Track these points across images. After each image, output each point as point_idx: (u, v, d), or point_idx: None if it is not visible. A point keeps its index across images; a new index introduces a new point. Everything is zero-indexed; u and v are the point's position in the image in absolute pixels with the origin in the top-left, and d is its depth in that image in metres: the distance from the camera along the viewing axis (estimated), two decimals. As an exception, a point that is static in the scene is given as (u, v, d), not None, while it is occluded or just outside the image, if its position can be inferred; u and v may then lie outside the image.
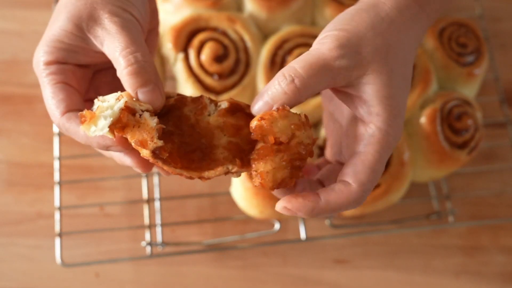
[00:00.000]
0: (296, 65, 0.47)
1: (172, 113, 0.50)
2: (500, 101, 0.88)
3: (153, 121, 0.46)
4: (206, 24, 0.78)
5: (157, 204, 0.78)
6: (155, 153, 0.46)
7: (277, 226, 0.78)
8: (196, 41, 0.77)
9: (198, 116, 0.49)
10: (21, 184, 0.82)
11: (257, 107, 0.48)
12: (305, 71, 0.47)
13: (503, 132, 0.87)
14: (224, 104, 0.49)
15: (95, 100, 0.47)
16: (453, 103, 0.78)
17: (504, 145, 0.87)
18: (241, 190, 0.74)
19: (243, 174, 0.73)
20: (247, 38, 0.78)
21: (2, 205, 0.80)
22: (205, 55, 0.76)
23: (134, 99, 0.47)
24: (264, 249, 0.80)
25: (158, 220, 0.77)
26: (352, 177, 0.48)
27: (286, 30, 0.80)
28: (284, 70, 0.47)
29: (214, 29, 0.78)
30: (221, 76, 0.76)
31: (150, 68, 0.48)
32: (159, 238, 0.77)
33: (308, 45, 0.78)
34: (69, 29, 0.49)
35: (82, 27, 0.49)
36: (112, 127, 0.46)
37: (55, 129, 0.80)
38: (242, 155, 0.48)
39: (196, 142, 0.49)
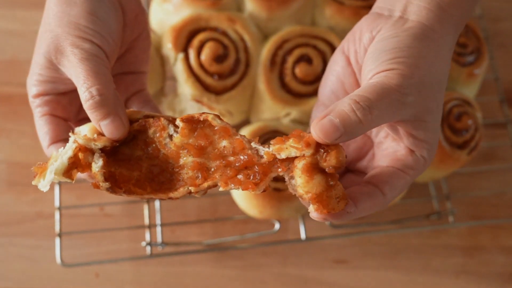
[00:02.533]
0: (370, 95, 0.45)
1: (139, 137, 0.51)
2: (500, 101, 0.88)
3: (96, 166, 0.48)
4: (206, 24, 0.78)
5: (157, 204, 0.78)
6: (113, 190, 0.48)
7: (277, 226, 0.78)
8: (196, 41, 0.77)
9: (161, 138, 0.50)
10: (21, 184, 0.82)
11: (323, 126, 0.45)
12: (379, 103, 0.45)
13: (503, 132, 0.87)
14: (179, 123, 0.50)
15: (70, 134, 0.49)
16: (453, 103, 0.78)
17: (504, 145, 0.87)
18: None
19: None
20: (247, 38, 0.78)
21: (2, 205, 0.80)
22: (205, 55, 0.76)
23: (94, 135, 0.49)
24: (264, 249, 0.80)
25: (158, 220, 0.77)
26: (389, 190, 0.49)
27: (286, 30, 0.80)
28: (357, 98, 0.45)
29: (214, 29, 0.78)
30: (221, 76, 0.76)
31: (108, 101, 0.49)
32: (159, 238, 0.77)
33: (308, 45, 0.78)
34: (43, 63, 0.52)
35: (52, 59, 0.51)
36: (69, 172, 0.47)
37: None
38: (206, 174, 0.49)
39: (164, 163, 0.50)
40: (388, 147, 0.53)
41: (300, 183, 0.46)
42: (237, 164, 0.48)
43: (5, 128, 0.84)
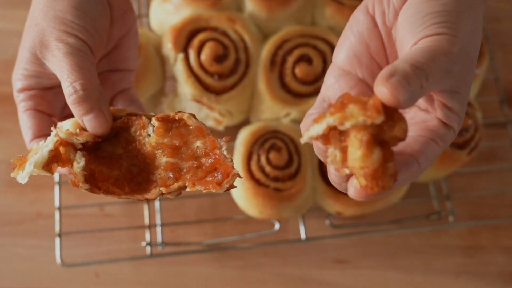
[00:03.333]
0: (424, 61, 0.42)
1: (121, 134, 0.51)
2: (500, 101, 0.88)
3: (77, 166, 0.47)
4: (206, 24, 0.78)
5: (157, 204, 0.78)
6: (92, 191, 0.48)
7: (277, 226, 0.78)
8: (196, 41, 0.77)
9: (140, 137, 0.50)
10: (21, 184, 0.81)
11: (395, 87, 0.40)
12: (432, 70, 0.42)
13: (503, 132, 0.87)
14: (155, 123, 0.49)
15: (51, 128, 0.49)
16: (453, 103, 0.78)
17: (504, 145, 0.87)
18: (241, 190, 0.74)
19: (243, 174, 0.73)
20: (247, 38, 0.78)
21: (2, 205, 0.80)
22: (205, 55, 0.76)
23: (77, 130, 0.49)
24: (264, 249, 0.80)
25: (158, 220, 0.77)
26: (424, 160, 0.46)
27: (286, 30, 0.80)
28: (415, 63, 0.42)
29: (214, 29, 0.78)
30: (221, 76, 0.76)
31: (92, 96, 0.49)
32: (159, 238, 0.77)
33: (308, 45, 0.78)
34: (28, 57, 0.52)
35: (37, 54, 0.51)
36: (49, 166, 0.47)
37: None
38: (178, 175, 0.49)
39: (142, 163, 0.50)
40: (415, 116, 0.49)
41: (359, 156, 0.40)
42: (207, 165, 0.48)
43: (5, 128, 0.84)
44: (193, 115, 0.49)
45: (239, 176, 0.47)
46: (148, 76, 0.76)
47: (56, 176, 0.77)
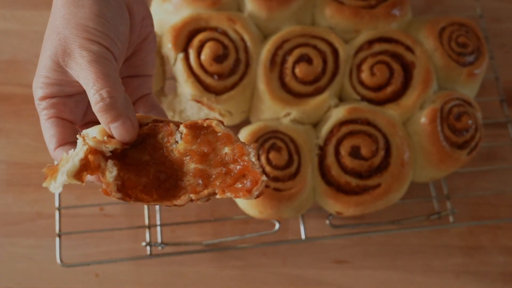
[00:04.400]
0: None
1: (148, 141, 0.51)
2: (500, 101, 0.88)
3: (110, 175, 0.47)
4: (206, 24, 0.78)
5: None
6: (124, 199, 0.48)
7: (277, 226, 0.78)
8: (196, 41, 0.77)
9: (168, 144, 0.50)
10: (21, 184, 0.82)
11: None
12: None
13: (503, 132, 0.87)
14: (183, 130, 0.50)
15: (77, 136, 0.49)
16: (453, 103, 0.78)
17: (504, 145, 0.87)
18: (241, 190, 0.74)
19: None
20: (247, 38, 0.78)
21: (2, 205, 0.80)
22: (205, 55, 0.76)
23: (105, 137, 0.49)
24: (264, 249, 0.80)
25: (158, 220, 0.77)
26: None
27: (286, 30, 0.80)
28: None
29: (214, 29, 0.78)
30: (221, 76, 0.76)
31: (119, 103, 0.49)
32: (159, 238, 0.77)
33: (308, 45, 0.78)
34: (50, 65, 0.51)
35: (59, 62, 0.51)
36: (79, 174, 0.47)
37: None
38: (207, 181, 0.49)
39: (169, 169, 0.50)
40: None
41: None
42: (235, 171, 0.48)
43: (5, 128, 0.84)
44: (222, 122, 0.49)
45: (267, 184, 0.48)
46: (148, 76, 0.76)
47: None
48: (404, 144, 0.76)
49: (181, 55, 0.76)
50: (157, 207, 0.78)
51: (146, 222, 0.77)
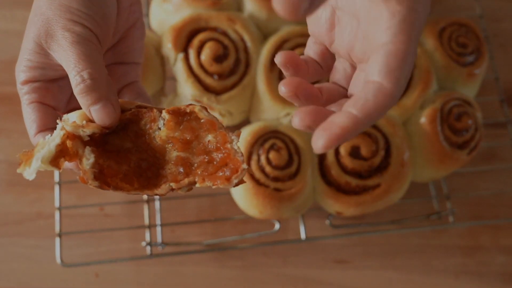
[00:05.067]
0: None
1: (130, 128, 0.49)
2: (500, 101, 0.88)
3: (87, 163, 0.46)
4: (206, 24, 0.78)
5: (157, 204, 0.78)
6: (101, 187, 0.46)
7: (277, 226, 0.78)
8: (196, 41, 0.77)
9: (150, 130, 0.49)
10: (21, 184, 0.82)
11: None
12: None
13: (503, 132, 0.87)
14: (165, 116, 0.48)
15: (57, 121, 0.47)
16: (453, 103, 0.78)
17: (504, 145, 0.87)
18: (241, 190, 0.74)
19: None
20: (247, 38, 0.78)
21: (2, 205, 0.80)
22: (205, 55, 0.76)
23: (83, 122, 0.47)
24: (264, 249, 0.80)
25: (158, 220, 0.77)
26: (385, 75, 0.41)
27: (286, 30, 0.80)
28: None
29: (214, 29, 0.78)
30: (221, 76, 0.76)
31: (100, 85, 0.48)
32: (159, 238, 0.77)
33: (308, 45, 0.78)
34: (32, 48, 0.50)
35: (42, 44, 0.50)
36: (56, 161, 0.46)
37: (55, 129, 0.80)
38: (189, 170, 0.47)
39: (152, 157, 0.48)
40: (365, 26, 0.45)
41: None
42: (217, 160, 0.47)
43: (5, 128, 0.84)
44: (205, 108, 0.48)
45: (250, 172, 0.46)
46: (148, 76, 0.76)
47: (56, 176, 0.77)
48: (404, 144, 0.76)
49: (181, 55, 0.76)
50: (158, 206, 0.78)
51: (146, 222, 0.77)
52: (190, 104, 0.48)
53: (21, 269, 0.78)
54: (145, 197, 0.78)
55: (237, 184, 0.46)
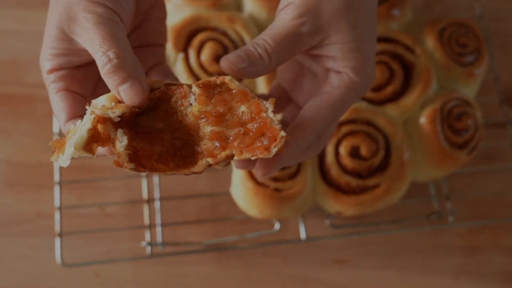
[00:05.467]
0: (265, 36, 0.50)
1: (160, 107, 0.48)
2: (500, 101, 0.88)
3: (120, 145, 0.44)
4: (206, 24, 0.78)
5: (157, 204, 0.78)
6: (137, 169, 0.45)
7: (277, 226, 0.78)
8: (196, 41, 0.77)
9: (181, 107, 0.47)
10: (21, 184, 0.82)
11: (229, 59, 0.50)
12: (274, 42, 0.50)
13: (503, 132, 0.87)
14: (195, 90, 0.47)
15: (86, 107, 0.46)
16: (453, 103, 0.78)
17: (504, 145, 0.87)
18: (241, 190, 0.74)
19: (244, 173, 0.73)
20: (247, 38, 0.78)
21: (2, 205, 0.80)
22: (205, 55, 0.76)
23: (112, 103, 0.46)
24: (264, 249, 0.80)
25: (158, 220, 0.77)
26: (312, 110, 0.50)
27: (286, 30, 0.79)
28: (257, 40, 0.50)
29: (214, 29, 0.78)
30: (221, 76, 0.76)
31: (126, 63, 0.47)
32: (159, 238, 0.77)
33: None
34: (56, 35, 0.49)
35: (65, 29, 0.49)
36: (89, 146, 0.44)
37: (55, 129, 0.80)
38: (225, 143, 0.46)
39: (185, 135, 0.47)
40: (321, 80, 0.54)
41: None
42: (253, 130, 0.45)
43: (5, 128, 0.84)
44: (235, 78, 0.47)
45: (287, 139, 0.45)
46: (148, 76, 0.76)
47: (56, 176, 0.77)
48: (404, 144, 0.76)
49: (181, 55, 0.76)
50: (158, 206, 0.78)
51: (146, 222, 0.77)
52: (220, 75, 0.47)
53: (21, 269, 0.78)
54: (145, 197, 0.78)
55: (277, 153, 0.44)
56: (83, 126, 0.44)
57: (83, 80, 0.52)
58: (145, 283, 0.78)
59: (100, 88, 0.54)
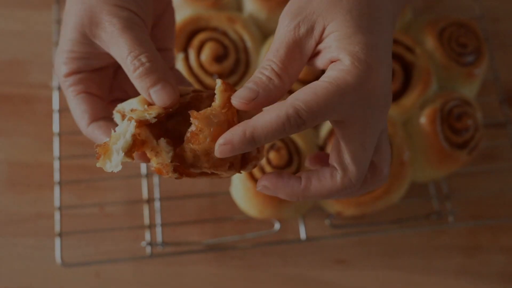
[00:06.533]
0: (268, 56, 0.47)
1: (187, 114, 0.48)
2: (500, 101, 0.88)
3: (168, 156, 0.45)
4: (206, 24, 0.78)
5: (157, 204, 0.78)
6: (179, 178, 0.46)
7: (277, 226, 0.78)
8: (196, 41, 0.77)
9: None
10: (21, 184, 0.82)
11: (239, 95, 0.46)
12: (278, 58, 0.46)
13: (503, 132, 0.87)
14: (220, 86, 0.47)
15: (114, 111, 0.47)
16: (453, 103, 0.78)
17: (504, 145, 0.87)
18: (241, 190, 0.74)
19: (244, 173, 0.73)
20: (247, 38, 0.78)
21: (2, 205, 0.80)
22: (205, 55, 0.76)
23: (145, 106, 0.47)
24: (264, 249, 0.80)
25: (158, 220, 0.77)
26: (337, 161, 0.45)
27: (286, 30, 0.80)
28: (262, 63, 0.47)
29: (214, 29, 0.78)
30: (221, 76, 0.76)
31: (157, 67, 0.47)
32: (159, 238, 0.77)
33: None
34: (75, 38, 0.49)
35: (86, 33, 0.49)
36: (130, 151, 0.45)
37: (55, 129, 0.80)
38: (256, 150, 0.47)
39: None
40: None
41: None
42: None
43: (5, 128, 0.84)
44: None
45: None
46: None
47: (56, 176, 0.77)
48: (404, 144, 0.76)
49: (181, 55, 0.76)
50: (158, 206, 0.78)
51: (146, 222, 0.77)
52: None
53: (21, 269, 0.78)
54: (145, 197, 0.78)
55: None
56: (126, 132, 0.45)
57: (99, 82, 0.52)
58: (145, 283, 0.78)
59: (115, 90, 0.54)
